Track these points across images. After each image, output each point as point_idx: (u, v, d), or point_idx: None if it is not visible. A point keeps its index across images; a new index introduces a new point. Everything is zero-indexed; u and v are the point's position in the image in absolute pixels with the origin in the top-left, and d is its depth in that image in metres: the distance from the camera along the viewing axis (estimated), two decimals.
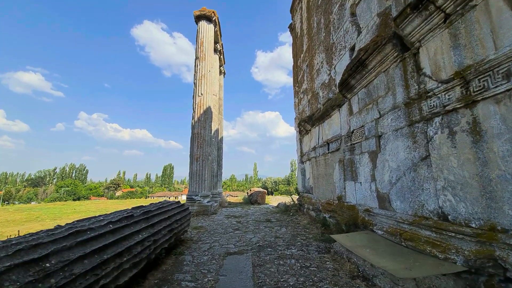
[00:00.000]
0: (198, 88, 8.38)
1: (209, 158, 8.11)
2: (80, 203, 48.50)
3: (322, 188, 5.91)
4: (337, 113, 5.00)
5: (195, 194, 7.61)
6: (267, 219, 6.43)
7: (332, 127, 5.27)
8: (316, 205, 6.12)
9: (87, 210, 31.84)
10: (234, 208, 9.39)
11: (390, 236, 3.02)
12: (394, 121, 3.05)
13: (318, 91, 6.21)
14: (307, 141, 7.38)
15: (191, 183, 7.79)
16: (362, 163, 3.86)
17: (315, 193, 6.42)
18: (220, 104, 13.03)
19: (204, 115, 8.20)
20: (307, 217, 6.50)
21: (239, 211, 8.36)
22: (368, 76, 3.59)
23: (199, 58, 8.63)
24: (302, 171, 8.00)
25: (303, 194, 7.59)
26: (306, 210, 6.90)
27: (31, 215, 28.06)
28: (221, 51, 12.04)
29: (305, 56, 7.53)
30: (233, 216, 7.13)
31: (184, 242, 4.04)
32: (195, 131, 8.07)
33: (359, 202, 3.99)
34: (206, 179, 7.85)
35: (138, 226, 2.48)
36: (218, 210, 8.61)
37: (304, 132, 7.50)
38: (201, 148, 7.94)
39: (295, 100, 8.92)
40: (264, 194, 10.94)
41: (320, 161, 6.02)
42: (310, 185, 7.13)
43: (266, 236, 4.48)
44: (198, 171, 7.77)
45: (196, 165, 7.81)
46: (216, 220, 6.48)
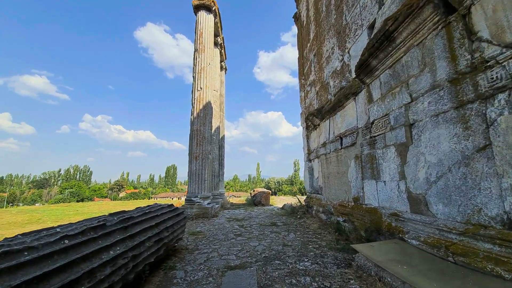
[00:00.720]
0: (197, 82, 7.84)
1: (209, 156, 7.55)
2: (83, 204, 48.46)
3: (333, 188, 5.31)
4: (352, 103, 4.40)
5: (194, 195, 7.06)
6: (272, 223, 5.84)
7: (345, 119, 4.67)
8: (326, 207, 5.52)
9: (90, 211, 31.60)
10: (237, 210, 8.82)
11: (430, 248, 2.42)
12: (434, 104, 2.45)
13: (328, 80, 5.61)
14: (315, 137, 6.78)
15: (190, 184, 7.24)
16: (387, 158, 3.25)
17: (325, 193, 5.81)
18: (222, 101, 12.48)
19: (203, 111, 7.65)
20: (316, 221, 5.90)
21: (242, 213, 7.78)
22: (395, 53, 2.98)
23: (198, 50, 8.09)
24: (309, 170, 7.40)
25: (311, 195, 6.99)
26: (315, 213, 6.29)
27: (33, 217, 27.88)
28: (222, 45, 11.49)
29: (312, 44, 6.93)
30: (235, 219, 6.55)
31: (177, 252, 3.48)
32: (194, 127, 7.52)
33: (382, 204, 3.39)
34: (206, 179, 7.30)
35: (110, 239, 1.92)
36: (219, 213, 8.04)
37: (312, 128, 6.90)
38: (201, 146, 7.39)
39: (301, 94, 8.32)
40: (268, 195, 10.35)
41: (331, 158, 5.42)
42: (319, 185, 6.53)
43: (272, 244, 3.90)
44: (197, 171, 7.22)
45: (195, 164, 7.26)
46: (216, 224, 5.91)
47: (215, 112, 10.11)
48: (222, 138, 12.14)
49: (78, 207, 40.92)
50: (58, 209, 36.08)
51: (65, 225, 1.88)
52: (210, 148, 7.71)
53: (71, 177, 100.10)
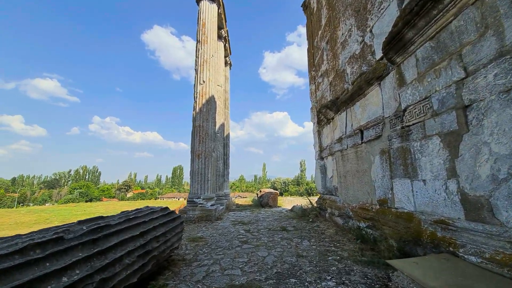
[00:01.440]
0: (200, 75, 7.33)
1: (212, 154, 7.03)
2: (91, 204, 48.99)
3: (352, 188, 4.68)
4: (376, 89, 3.78)
5: (197, 196, 6.54)
6: (282, 227, 5.25)
7: (367, 109, 4.05)
8: (343, 210, 4.90)
9: (97, 211, 31.74)
10: (243, 212, 8.26)
11: (499, 268, 1.80)
12: (503, 77, 1.83)
13: (344, 67, 4.99)
14: (328, 132, 6.16)
15: (192, 184, 6.73)
16: (427, 151, 2.63)
17: (342, 194, 5.19)
18: (226, 97, 11.97)
19: (206, 106, 7.13)
20: (331, 225, 5.28)
21: (248, 216, 7.22)
22: (441, 18, 2.36)
23: (201, 42, 7.58)
24: (321, 168, 6.78)
25: (324, 196, 6.37)
26: (330, 216, 5.67)
27: (41, 217, 28.11)
28: (226, 39, 10.98)
29: (325, 31, 6.32)
30: (241, 223, 5.99)
31: (172, 264, 2.95)
32: (196, 123, 7.01)
33: (420, 208, 2.76)
34: (209, 179, 6.77)
35: (65, 259, 1.38)
36: (224, 215, 7.51)
37: (325, 122, 6.29)
38: (204, 143, 6.87)
39: (312, 87, 7.71)
40: (276, 195, 9.75)
41: (349, 155, 4.80)
42: (333, 185, 5.91)
43: (284, 254, 3.32)
44: (200, 170, 6.70)
45: (198, 162, 6.74)
46: (220, 228, 5.37)
47: (219, 108, 9.60)
48: (227, 136, 11.63)
49: (86, 207, 41.34)
50: (66, 209, 36.47)
51: (5, 238, 1.35)
52: (213, 146, 7.19)
53: (80, 178, 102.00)
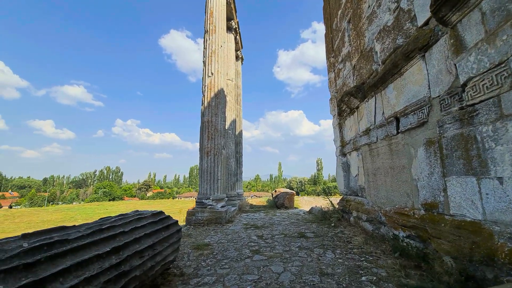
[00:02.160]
0: (208, 67, 6.84)
1: (222, 152, 6.50)
2: (113, 203, 51.01)
3: (383, 189, 3.91)
4: (418, 64, 3.01)
5: (206, 197, 6.05)
6: (300, 233, 4.59)
7: (405, 91, 3.28)
8: (373, 214, 4.14)
9: (117, 210, 32.80)
10: (256, 214, 7.67)
11: None
12: None
13: (371, 45, 4.22)
14: (351, 124, 5.39)
15: (201, 184, 6.25)
16: (506, 137, 1.87)
17: (371, 196, 4.42)
18: (238, 93, 11.44)
19: (215, 99, 6.62)
20: (358, 231, 4.53)
21: (262, 218, 6.62)
22: None
23: (209, 32, 7.09)
24: (344, 166, 6.01)
25: (348, 198, 5.60)
26: (355, 220, 4.92)
27: (67, 215, 29.51)
28: (236, 31, 10.43)
29: (345, 9, 5.54)
30: (254, 226, 5.40)
31: (166, 282, 2.42)
32: (204, 118, 6.52)
33: (493, 217, 2.00)
34: (219, 178, 6.25)
35: None
36: (236, 217, 6.97)
37: (347, 113, 5.51)
38: (213, 139, 6.36)
39: (330, 76, 6.93)
40: (292, 196, 9.05)
41: (380, 149, 4.03)
42: (359, 184, 5.13)
43: (304, 270, 2.68)
44: (209, 169, 6.20)
45: (207, 160, 6.25)
46: (230, 233, 4.82)
47: (230, 104, 9.08)
48: (239, 133, 11.11)
49: (108, 205, 43.06)
50: (90, 207, 38.17)
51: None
52: (223, 142, 6.66)
53: (104, 178, 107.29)
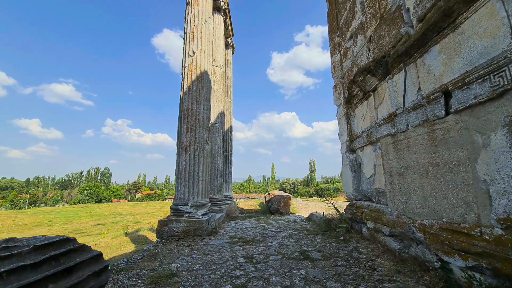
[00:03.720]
0: (189, 44, 5.66)
1: (205, 147, 5.32)
2: (98, 205, 48.62)
3: (419, 194, 2.85)
4: (489, 5, 1.95)
5: (183, 202, 4.84)
6: (303, 252, 3.47)
7: (464, 50, 2.21)
8: (401, 227, 3.07)
9: (102, 213, 30.91)
10: (247, 221, 6.52)
11: None
12: None
13: (400, 2, 3.17)
14: (365, 112, 4.34)
15: (177, 186, 5.05)
16: None
17: (395, 202, 3.35)
18: (228, 84, 10.27)
19: (197, 83, 5.44)
20: (377, 248, 3.46)
21: (253, 228, 5.48)
22: None
23: (190, 3, 5.91)
24: (352, 164, 4.95)
25: (359, 203, 4.53)
26: (371, 233, 3.85)
27: (45, 218, 27.44)
28: (226, 12, 9.26)
29: None
30: (242, 241, 4.25)
31: None
32: (184, 106, 5.33)
33: None
34: (200, 179, 5.07)
35: None
36: (222, 225, 5.80)
37: (360, 98, 4.46)
38: (193, 131, 5.18)
39: (334, 59, 5.89)
40: (288, 200, 7.95)
41: (412, 140, 2.97)
42: (375, 187, 4.07)
43: None
44: (187, 167, 5.01)
45: (185, 157, 5.06)
46: (210, 252, 3.65)
47: (218, 94, 7.91)
48: (229, 129, 9.94)
49: (92, 208, 40.87)
50: (73, 210, 35.98)
51: None
52: (207, 136, 5.48)
53: (92, 179, 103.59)
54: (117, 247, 9.44)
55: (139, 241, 10.36)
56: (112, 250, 8.93)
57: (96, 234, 14.72)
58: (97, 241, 11.78)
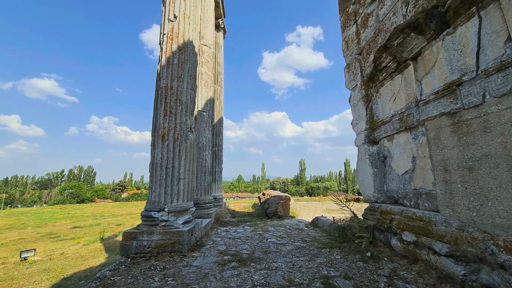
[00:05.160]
0: (169, 7, 4.48)
1: (189, 136, 4.18)
2: (79, 206, 45.81)
3: (507, 198, 1.87)
4: None
5: (158, 207, 3.68)
6: (325, 281, 2.43)
7: None
8: (471, 245, 2.08)
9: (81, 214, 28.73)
10: (240, 228, 5.43)
11: None
12: None
13: None
14: (396, 90, 3.34)
15: (151, 186, 3.88)
16: None
17: (456, 210, 2.35)
18: (219, 71, 9.10)
19: (180, 55, 4.28)
20: (426, 271, 2.47)
21: (249, 238, 4.40)
22: None
23: None
24: (373, 159, 3.98)
25: (383, 207, 3.55)
26: (411, 248, 2.86)
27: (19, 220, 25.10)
28: None
29: None
30: (237, 260, 3.16)
31: None
32: (161, 83, 4.16)
33: None
34: (182, 177, 3.92)
35: None
36: (209, 235, 4.67)
37: (389, 73, 3.46)
38: (172, 116, 4.02)
39: (347, 34, 4.89)
40: (287, 201, 6.93)
41: (491, 119, 1.96)
42: (414, 187, 3.09)
43: None
44: (164, 162, 3.85)
45: (162, 148, 3.90)
46: (192, 279, 2.54)
47: (207, 77, 6.74)
48: (219, 121, 8.79)
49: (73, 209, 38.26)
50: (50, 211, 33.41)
51: None
52: (192, 123, 4.34)
53: (75, 178, 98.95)
54: (86, 258, 8.07)
55: (114, 249, 9.03)
56: (78, 262, 7.57)
57: (70, 239, 13.14)
58: (66, 248, 10.27)
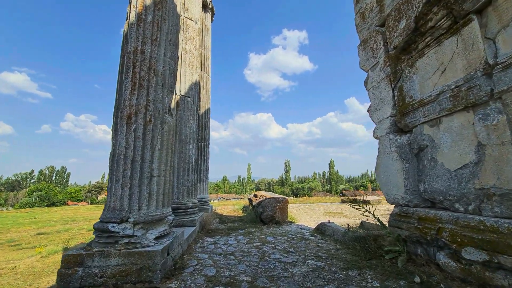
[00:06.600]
0: None
1: (166, 119, 3.11)
2: (48, 210, 41.94)
3: None
4: None
5: (119, 217, 2.58)
6: None
7: None
8: None
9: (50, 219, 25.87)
10: (232, 239, 4.40)
11: None
12: None
13: None
14: (446, 59, 2.50)
15: (110, 186, 2.76)
16: None
17: None
18: (206, 56, 8.00)
19: (155, 11, 3.21)
20: None
21: (245, 254, 3.40)
22: None
23: None
24: (403, 151, 3.16)
25: (422, 213, 2.72)
26: (477, 270, 2.02)
27: None
28: None
29: None
30: None
31: None
32: (129, 46, 3.06)
33: None
34: (155, 174, 2.85)
35: None
36: (192, 250, 3.61)
37: (436, 36, 2.64)
38: (143, 90, 2.94)
39: (365, 2, 4.07)
40: (285, 204, 5.98)
41: None
42: (480, 186, 2.25)
43: None
44: (131, 151, 2.76)
45: (128, 134, 2.80)
46: None
47: (192, 56, 5.64)
48: (206, 113, 7.69)
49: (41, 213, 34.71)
50: (14, 215, 29.95)
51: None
52: (169, 102, 3.27)
53: (46, 179, 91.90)
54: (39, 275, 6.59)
55: None
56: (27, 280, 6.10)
57: (32, 247, 11.30)
58: (22, 260, 8.54)
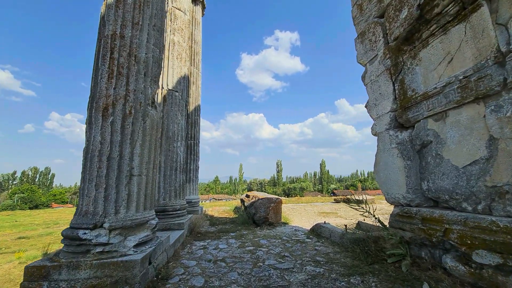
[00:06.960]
0: None
1: (149, 111, 2.80)
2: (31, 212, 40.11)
3: None
4: None
5: (93, 222, 2.25)
6: None
7: None
8: None
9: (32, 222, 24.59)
10: (222, 243, 4.11)
11: None
12: None
13: None
14: (453, 48, 2.34)
15: (83, 187, 2.44)
16: None
17: None
18: (196, 50, 7.67)
19: None
20: None
21: (237, 260, 3.13)
22: None
23: None
24: (404, 148, 2.98)
25: (425, 213, 2.54)
26: (489, 274, 1.85)
27: None
28: None
29: None
30: None
31: None
32: (106, 30, 2.73)
33: None
34: (136, 173, 2.54)
35: None
36: (179, 256, 3.31)
37: (444, 24, 2.46)
38: (123, 78, 2.63)
39: None
40: (279, 205, 5.75)
41: None
42: (492, 184, 2.07)
43: None
44: (107, 147, 2.45)
45: (103, 127, 2.48)
46: None
47: (180, 49, 5.31)
48: (195, 109, 7.36)
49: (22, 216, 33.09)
50: None
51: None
52: (153, 94, 2.96)
53: (29, 181, 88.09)
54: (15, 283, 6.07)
55: None
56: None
57: (12, 252, 10.57)
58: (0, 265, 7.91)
